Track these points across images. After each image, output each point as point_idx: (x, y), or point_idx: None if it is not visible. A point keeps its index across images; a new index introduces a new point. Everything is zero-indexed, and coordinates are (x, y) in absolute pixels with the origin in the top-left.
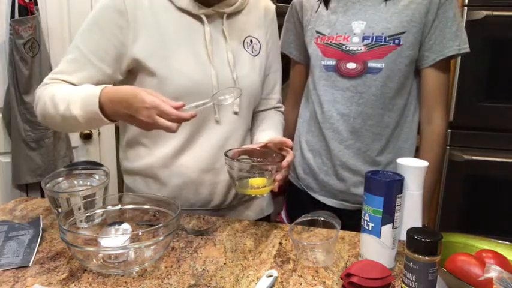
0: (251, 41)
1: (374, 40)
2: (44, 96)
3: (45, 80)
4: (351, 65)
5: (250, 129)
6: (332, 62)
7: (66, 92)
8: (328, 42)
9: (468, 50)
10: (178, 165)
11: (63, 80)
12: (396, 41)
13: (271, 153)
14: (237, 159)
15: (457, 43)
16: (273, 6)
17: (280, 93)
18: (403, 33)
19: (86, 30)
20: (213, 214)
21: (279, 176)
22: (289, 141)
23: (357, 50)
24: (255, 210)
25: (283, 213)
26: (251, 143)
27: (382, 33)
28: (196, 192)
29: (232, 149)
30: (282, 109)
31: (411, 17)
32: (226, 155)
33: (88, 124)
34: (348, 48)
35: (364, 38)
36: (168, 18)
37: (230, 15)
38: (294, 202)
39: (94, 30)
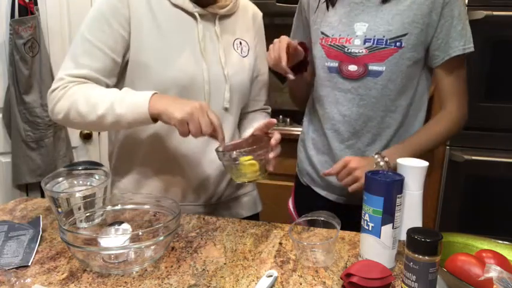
0: (240, 43)
1: (375, 43)
2: (73, 95)
3: (62, 78)
4: (353, 67)
5: (239, 131)
6: (335, 64)
7: (105, 93)
8: (332, 43)
9: (472, 49)
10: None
11: (78, 76)
12: (397, 44)
13: (259, 139)
14: (228, 151)
15: (462, 43)
16: (260, 13)
17: (267, 95)
18: (404, 35)
19: (94, 22)
20: (204, 210)
21: (271, 155)
22: (272, 120)
23: (359, 52)
24: (246, 207)
25: (290, 202)
26: None
27: (384, 36)
28: (185, 186)
29: (220, 146)
30: (269, 110)
31: (413, 18)
32: (217, 150)
33: (127, 123)
34: (349, 50)
35: (365, 41)
36: (163, 13)
37: (222, 18)
38: (300, 196)
39: (102, 22)
